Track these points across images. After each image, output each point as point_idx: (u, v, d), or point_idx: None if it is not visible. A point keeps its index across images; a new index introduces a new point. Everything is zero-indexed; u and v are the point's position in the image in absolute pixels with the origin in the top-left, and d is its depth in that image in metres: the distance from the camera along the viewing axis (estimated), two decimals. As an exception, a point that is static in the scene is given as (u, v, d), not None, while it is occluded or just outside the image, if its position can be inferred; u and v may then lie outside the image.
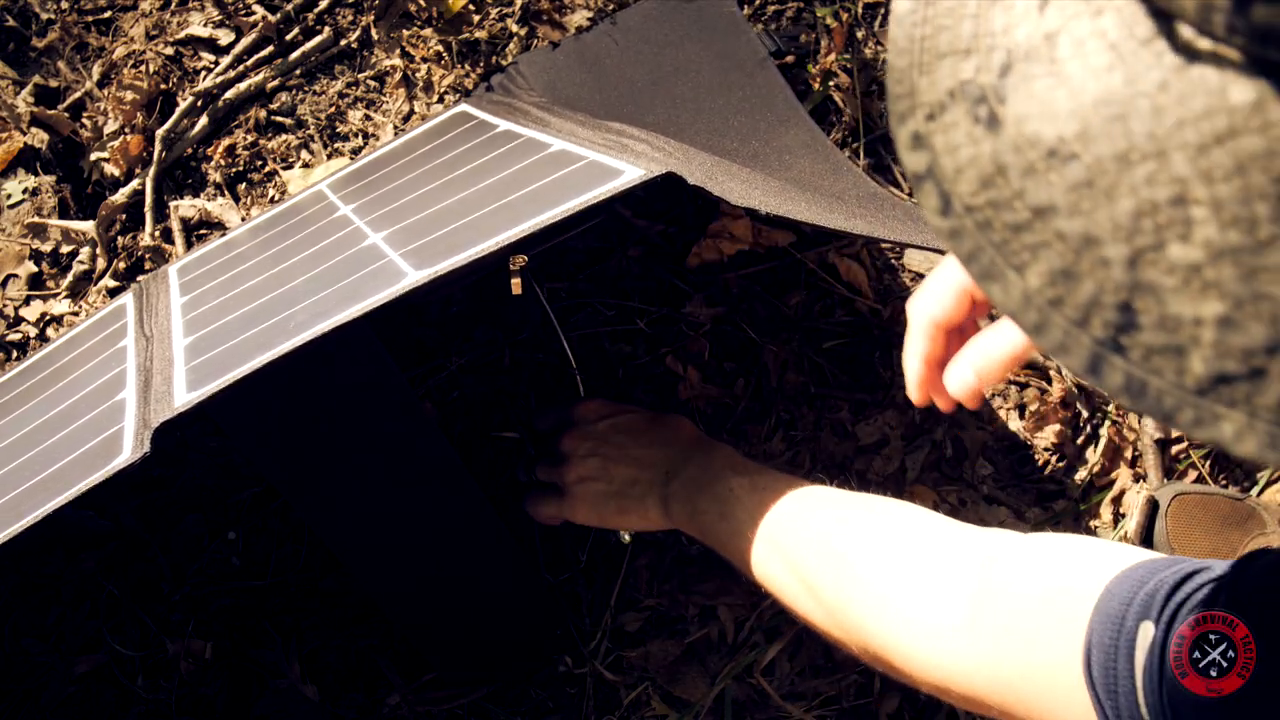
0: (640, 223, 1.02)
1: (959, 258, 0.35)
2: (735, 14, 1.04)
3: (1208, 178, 0.30)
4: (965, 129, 0.34)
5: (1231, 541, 0.93)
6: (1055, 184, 0.33)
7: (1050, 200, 0.33)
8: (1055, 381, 1.02)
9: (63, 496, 0.62)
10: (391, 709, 0.94)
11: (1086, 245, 0.32)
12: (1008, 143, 0.33)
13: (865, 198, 0.94)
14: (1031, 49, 0.33)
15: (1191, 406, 0.31)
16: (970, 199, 0.34)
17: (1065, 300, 0.33)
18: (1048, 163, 0.33)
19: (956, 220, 0.35)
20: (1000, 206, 0.34)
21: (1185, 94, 0.30)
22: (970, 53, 0.35)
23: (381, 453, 0.84)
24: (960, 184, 0.35)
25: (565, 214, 0.66)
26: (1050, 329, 0.34)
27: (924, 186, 0.36)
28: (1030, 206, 0.33)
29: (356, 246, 0.78)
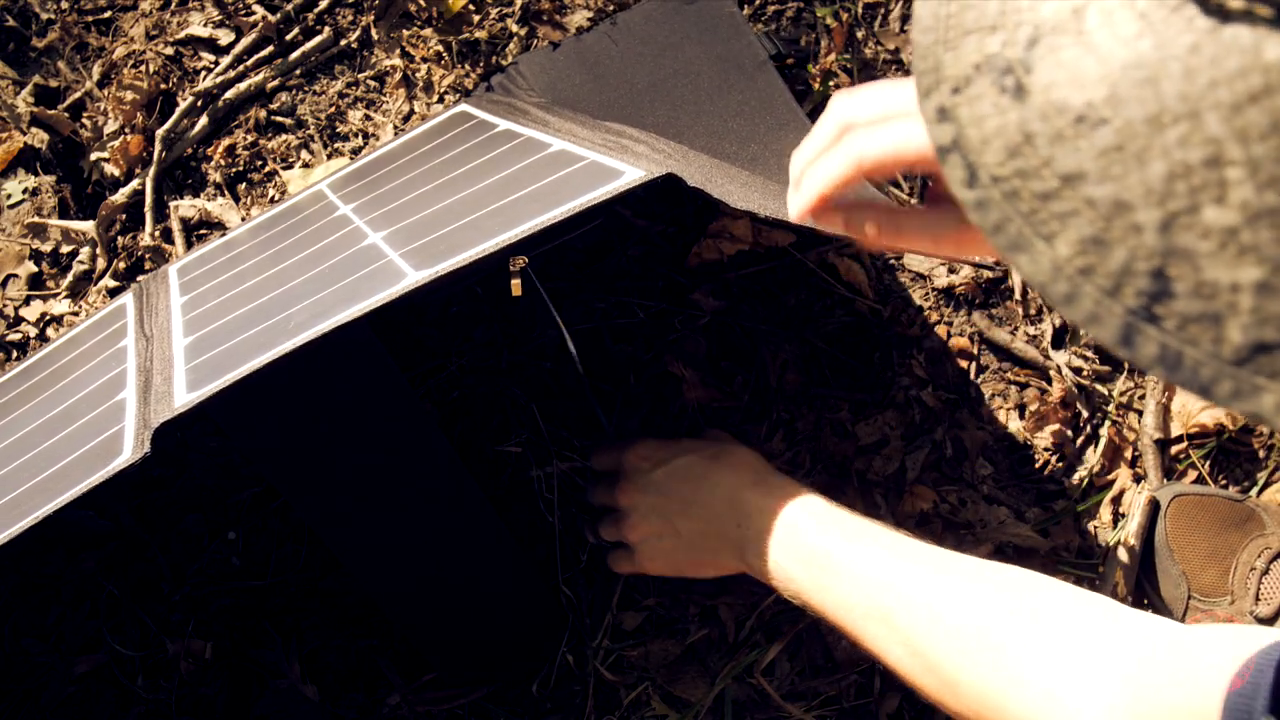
0: (640, 223, 1.02)
1: (985, 229, 0.35)
2: (736, 15, 1.04)
3: (1243, 137, 0.29)
4: (991, 100, 0.34)
5: (1231, 543, 0.93)
6: (1084, 150, 0.32)
7: (1079, 167, 0.32)
8: (1055, 381, 1.02)
9: (63, 497, 0.62)
10: (391, 709, 0.94)
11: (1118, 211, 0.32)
12: (1035, 111, 0.33)
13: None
14: (1059, 23, 0.33)
15: (1230, 378, 0.31)
16: (997, 169, 0.34)
17: (1096, 269, 0.32)
18: (1076, 129, 0.32)
19: (983, 191, 0.35)
20: (1028, 175, 0.33)
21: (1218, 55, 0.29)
22: (996, 29, 0.34)
23: (381, 453, 0.84)
24: (986, 154, 0.34)
25: (565, 215, 0.66)
26: (1081, 299, 0.33)
27: (950, 159, 0.35)
28: (1059, 174, 0.33)
29: (356, 246, 0.78)
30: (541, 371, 0.99)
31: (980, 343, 1.03)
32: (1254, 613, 0.91)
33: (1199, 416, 1.02)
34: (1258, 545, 0.93)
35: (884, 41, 1.08)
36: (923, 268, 1.04)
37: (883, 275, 1.04)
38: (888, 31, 1.09)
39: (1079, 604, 0.67)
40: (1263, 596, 0.91)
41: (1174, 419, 1.03)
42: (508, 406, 0.98)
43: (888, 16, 1.09)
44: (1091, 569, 0.98)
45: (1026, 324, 1.04)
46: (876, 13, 1.09)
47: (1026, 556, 0.97)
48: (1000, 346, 1.03)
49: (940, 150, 0.36)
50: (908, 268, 1.04)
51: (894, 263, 1.04)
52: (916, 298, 1.03)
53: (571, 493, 0.97)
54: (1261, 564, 0.92)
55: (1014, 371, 1.03)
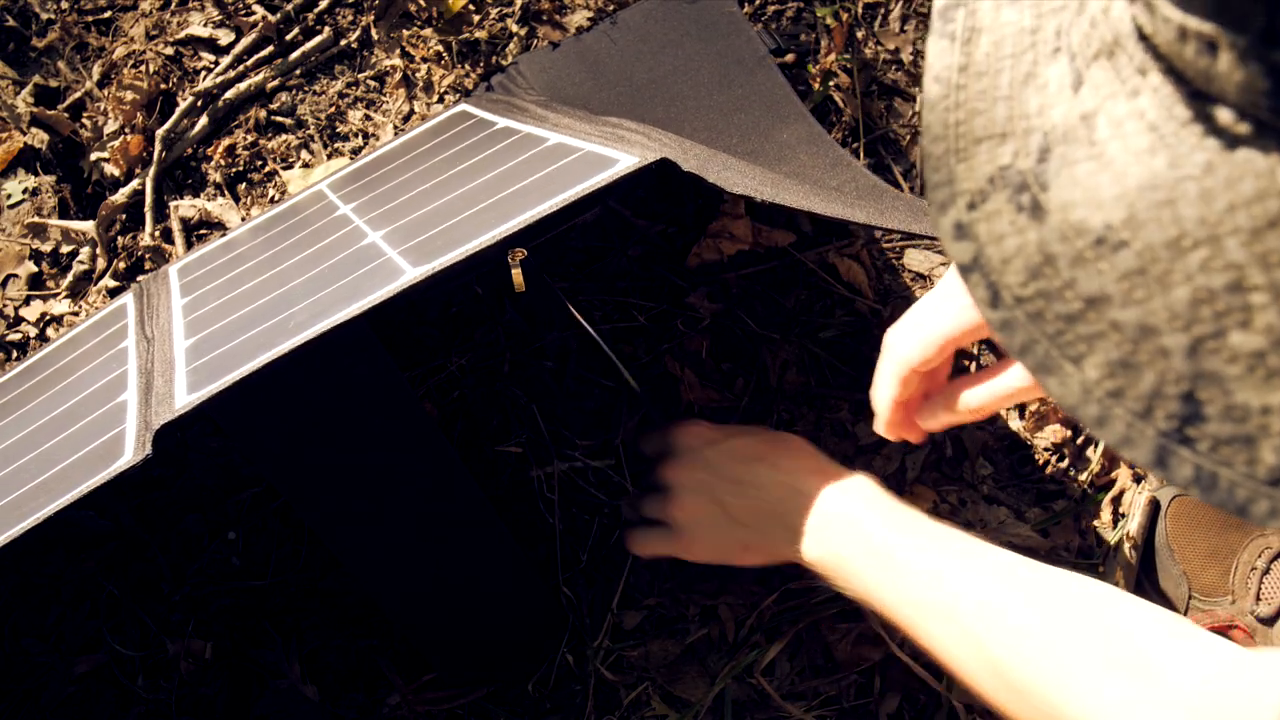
0: (640, 223, 1.02)
1: (1012, 351, 0.34)
2: (735, 13, 1.04)
3: (1264, 263, 0.29)
4: (1009, 217, 0.33)
5: (1231, 543, 0.93)
6: (1106, 273, 0.31)
7: (1102, 289, 0.32)
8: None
9: (65, 499, 0.62)
10: (391, 709, 0.94)
11: (1144, 335, 0.31)
12: (1054, 231, 0.32)
13: (865, 190, 0.94)
14: (1069, 130, 0.32)
15: (1266, 498, 0.30)
16: (1020, 290, 0.33)
17: (1126, 392, 0.32)
18: (1096, 251, 0.31)
19: (1007, 312, 0.34)
20: (1051, 297, 0.33)
21: (1233, 177, 0.29)
22: (1007, 136, 0.33)
23: (381, 453, 0.84)
24: (1008, 274, 0.33)
25: (560, 205, 0.66)
26: (1113, 422, 0.32)
27: (971, 278, 0.34)
28: (1082, 296, 0.32)
29: (355, 245, 0.78)
30: (542, 371, 0.99)
31: (980, 343, 1.03)
32: (1254, 612, 0.91)
33: (1199, 416, 1.02)
34: (1258, 545, 0.93)
35: (884, 41, 1.08)
36: (922, 268, 1.04)
37: (883, 275, 1.04)
38: (888, 31, 1.09)
39: (1148, 621, 0.66)
40: (1263, 596, 0.91)
41: (1174, 419, 1.02)
42: (508, 406, 0.98)
43: (888, 16, 1.09)
44: (1092, 569, 0.98)
45: (1026, 324, 1.04)
46: (876, 13, 1.09)
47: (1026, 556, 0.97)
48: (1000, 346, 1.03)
49: (961, 269, 0.35)
50: (908, 268, 1.04)
51: (895, 263, 1.04)
52: (917, 298, 1.03)
53: (572, 493, 0.97)
54: (1262, 563, 0.92)
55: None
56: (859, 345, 1.01)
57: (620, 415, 0.98)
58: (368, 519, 0.84)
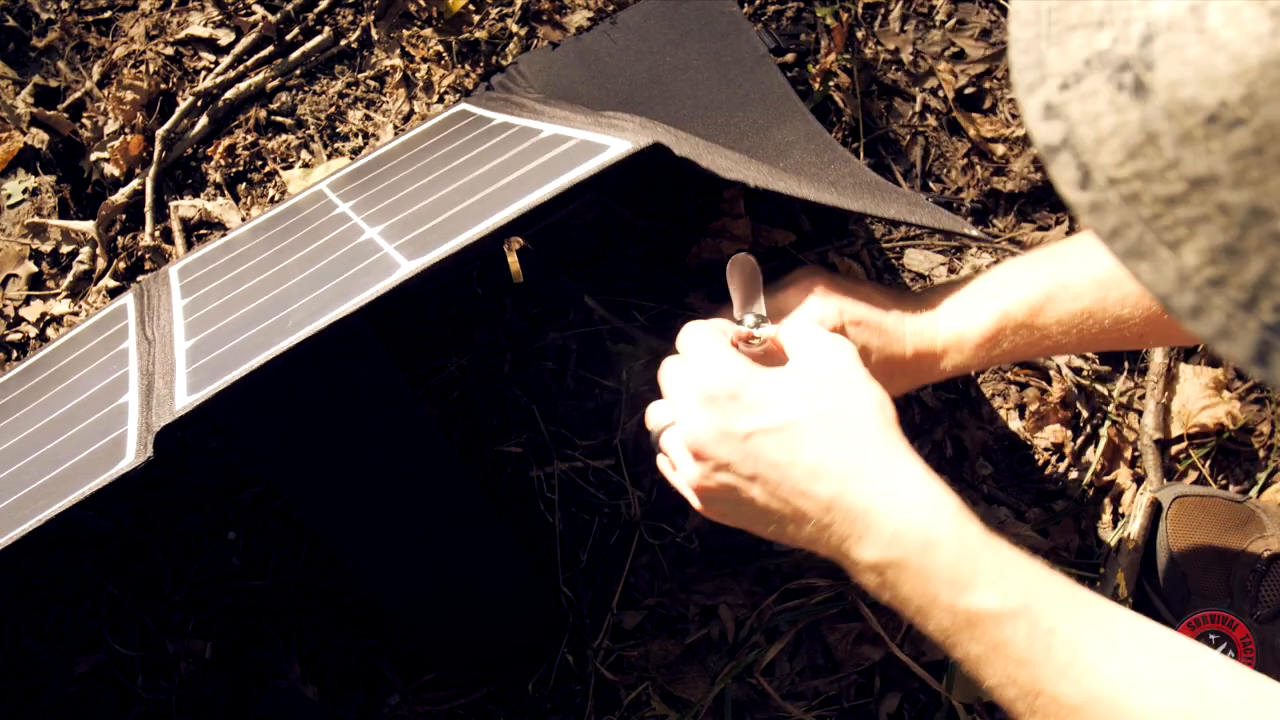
0: (640, 222, 1.02)
1: (1100, 234, 0.33)
2: (735, 13, 1.04)
3: None
4: (1107, 97, 0.32)
5: (1231, 545, 0.93)
6: (1217, 152, 0.30)
7: (1211, 170, 0.30)
8: (1055, 381, 1.02)
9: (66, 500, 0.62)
10: (391, 709, 0.94)
11: (1255, 219, 0.30)
12: (1158, 109, 0.31)
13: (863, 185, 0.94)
14: (1175, 20, 0.31)
15: None
16: (1115, 170, 0.32)
17: (1229, 280, 0.30)
18: (1207, 129, 0.30)
19: (1099, 194, 0.32)
20: (1150, 178, 0.31)
21: None
22: (1104, 24, 0.32)
23: (381, 452, 0.84)
24: (1102, 154, 0.32)
25: (552, 193, 0.66)
26: (1210, 312, 0.31)
27: (1059, 158, 0.33)
28: (1187, 177, 0.31)
29: (352, 242, 0.78)
30: (542, 372, 0.99)
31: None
32: (1254, 614, 0.91)
33: (1199, 417, 1.02)
34: (1258, 547, 0.93)
35: (884, 41, 1.08)
36: (922, 267, 1.04)
37: (883, 275, 1.04)
38: (888, 31, 1.09)
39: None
40: (1262, 598, 0.91)
41: (1174, 419, 1.03)
42: (508, 406, 0.98)
43: (888, 16, 1.09)
44: (1092, 569, 0.98)
45: (1026, 324, 1.04)
46: (876, 13, 1.09)
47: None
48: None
49: (1047, 150, 0.34)
50: (908, 268, 1.04)
51: (894, 263, 1.04)
52: (916, 298, 1.03)
53: (572, 493, 0.98)
54: (1262, 566, 0.92)
55: (1014, 371, 1.03)
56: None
57: (620, 415, 0.98)
58: (368, 519, 0.84)
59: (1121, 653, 0.58)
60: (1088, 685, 0.57)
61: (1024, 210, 1.07)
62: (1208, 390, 1.03)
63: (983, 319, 0.78)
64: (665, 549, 0.97)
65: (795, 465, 0.64)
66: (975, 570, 0.60)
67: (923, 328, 0.79)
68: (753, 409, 0.64)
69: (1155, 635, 0.59)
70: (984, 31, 1.10)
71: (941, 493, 0.63)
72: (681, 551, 0.97)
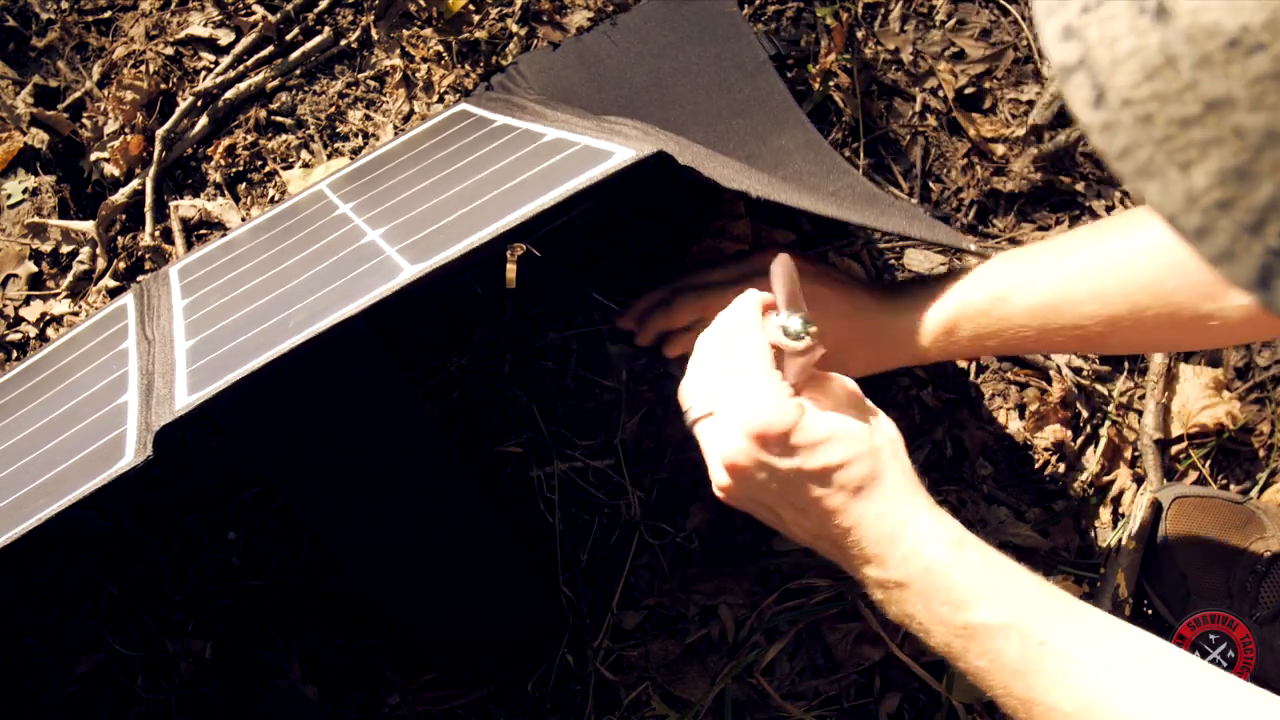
0: (640, 223, 1.02)
1: (1109, 154, 0.33)
2: (736, 16, 1.04)
3: None
4: (1128, 20, 0.32)
5: (1230, 546, 0.93)
6: (1235, 76, 0.30)
7: (1228, 93, 0.30)
8: (1055, 381, 1.02)
9: (65, 500, 0.62)
10: (391, 709, 0.94)
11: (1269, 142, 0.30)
12: (1179, 33, 0.31)
13: (862, 196, 0.94)
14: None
15: None
16: (1130, 91, 0.32)
17: (1237, 203, 0.30)
18: (1228, 53, 0.30)
19: (1111, 114, 0.33)
20: (1166, 100, 0.32)
21: None
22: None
23: (381, 452, 0.84)
24: (1118, 76, 0.32)
25: (557, 199, 0.66)
26: (1214, 234, 0.31)
27: (1073, 79, 0.33)
28: (1203, 100, 0.31)
29: (355, 244, 0.78)
30: (542, 372, 0.99)
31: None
32: (1254, 615, 0.91)
33: (1199, 417, 1.02)
34: (1258, 548, 0.93)
35: (884, 41, 1.08)
36: (922, 267, 1.04)
37: (883, 275, 1.04)
38: (888, 31, 1.09)
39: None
40: (1262, 599, 0.91)
41: (1174, 419, 1.03)
42: (508, 406, 0.98)
43: (888, 16, 1.09)
44: (1092, 569, 0.98)
45: (1026, 324, 1.04)
46: (876, 13, 1.09)
47: (1027, 556, 0.97)
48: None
49: (1063, 70, 0.34)
50: (907, 268, 1.04)
51: (894, 263, 1.04)
52: (916, 298, 1.03)
53: (572, 493, 0.98)
54: (1261, 567, 0.92)
55: (1014, 371, 1.03)
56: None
57: (620, 415, 0.98)
58: (368, 519, 0.84)
59: (1110, 662, 0.61)
60: (1078, 694, 0.61)
61: (1024, 210, 1.07)
62: (1208, 390, 1.03)
63: (942, 303, 0.82)
64: (665, 549, 0.97)
65: (824, 503, 0.68)
66: (970, 589, 0.65)
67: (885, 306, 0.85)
68: (796, 453, 0.67)
69: (1145, 645, 0.63)
70: (984, 31, 1.10)
71: (944, 524, 0.68)
72: (681, 551, 0.97)
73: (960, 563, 0.66)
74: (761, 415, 0.66)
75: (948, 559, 0.66)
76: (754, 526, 0.98)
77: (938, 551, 0.66)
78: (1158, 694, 0.60)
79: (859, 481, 0.67)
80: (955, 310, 0.82)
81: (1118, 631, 0.64)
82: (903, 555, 0.67)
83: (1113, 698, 0.60)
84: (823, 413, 0.69)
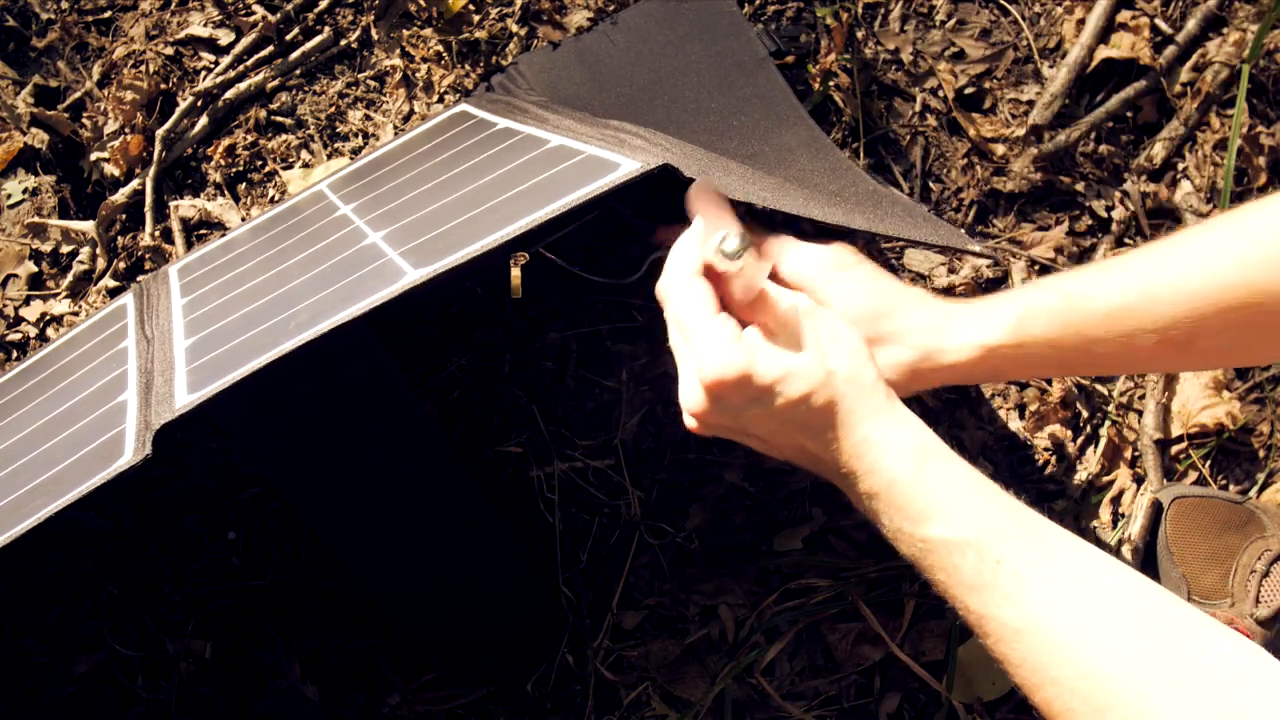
0: (640, 222, 1.02)
1: None
2: (736, 14, 1.04)
3: None
4: None
5: (1231, 546, 0.93)
6: None
7: None
8: (1055, 381, 1.02)
9: (64, 499, 0.62)
10: (391, 709, 0.94)
11: None
12: None
13: (865, 195, 0.94)
14: None
15: None
16: None
17: None
18: None
19: None
20: None
21: None
22: None
23: (381, 453, 0.84)
24: None
25: (562, 209, 0.66)
26: None
27: None
28: None
29: (356, 246, 0.78)
30: (542, 372, 0.99)
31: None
32: (1254, 615, 0.91)
33: (1199, 416, 1.02)
34: (1257, 548, 0.93)
35: (884, 41, 1.08)
36: (922, 268, 1.04)
37: (883, 275, 1.04)
38: (888, 31, 1.09)
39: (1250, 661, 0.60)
40: (1262, 599, 0.91)
41: (1174, 419, 1.03)
42: (508, 406, 0.98)
43: (888, 16, 1.09)
44: (1091, 569, 0.98)
45: (1026, 324, 1.04)
46: (876, 13, 1.09)
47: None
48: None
49: None
50: (908, 268, 1.04)
51: (894, 262, 1.04)
52: (916, 298, 1.03)
53: (572, 493, 0.97)
54: (1261, 566, 0.92)
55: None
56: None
57: (620, 415, 0.99)
58: (368, 519, 0.85)
59: (1065, 581, 0.63)
60: (1029, 611, 0.62)
61: (1024, 210, 1.07)
62: (1208, 390, 1.03)
63: (1006, 306, 0.77)
64: (665, 549, 0.97)
65: (790, 436, 0.71)
66: (931, 503, 0.67)
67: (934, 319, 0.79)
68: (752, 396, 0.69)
69: (1102, 566, 0.64)
70: (984, 31, 1.10)
71: (910, 437, 0.69)
72: (681, 551, 0.97)
73: (921, 476, 0.67)
74: (710, 367, 0.69)
75: (910, 472, 0.68)
76: (754, 526, 0.98)
77: (901, 464, 0.68)
78: (1107, 614, 0.61)
79: (820, 412, 0.69)
80: (1021, 311, 0.76)
81: (1077, 552, 0.65)
82: (868, 469, 0.69)
83: (1061, 616, 0.62)
84: (774, 350, 0.69)
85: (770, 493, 0.98)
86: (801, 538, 0.97)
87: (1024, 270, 1.04)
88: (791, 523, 0.98)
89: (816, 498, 0.98)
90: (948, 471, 0.68)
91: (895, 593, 0.96)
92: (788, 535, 0.98)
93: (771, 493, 0.98)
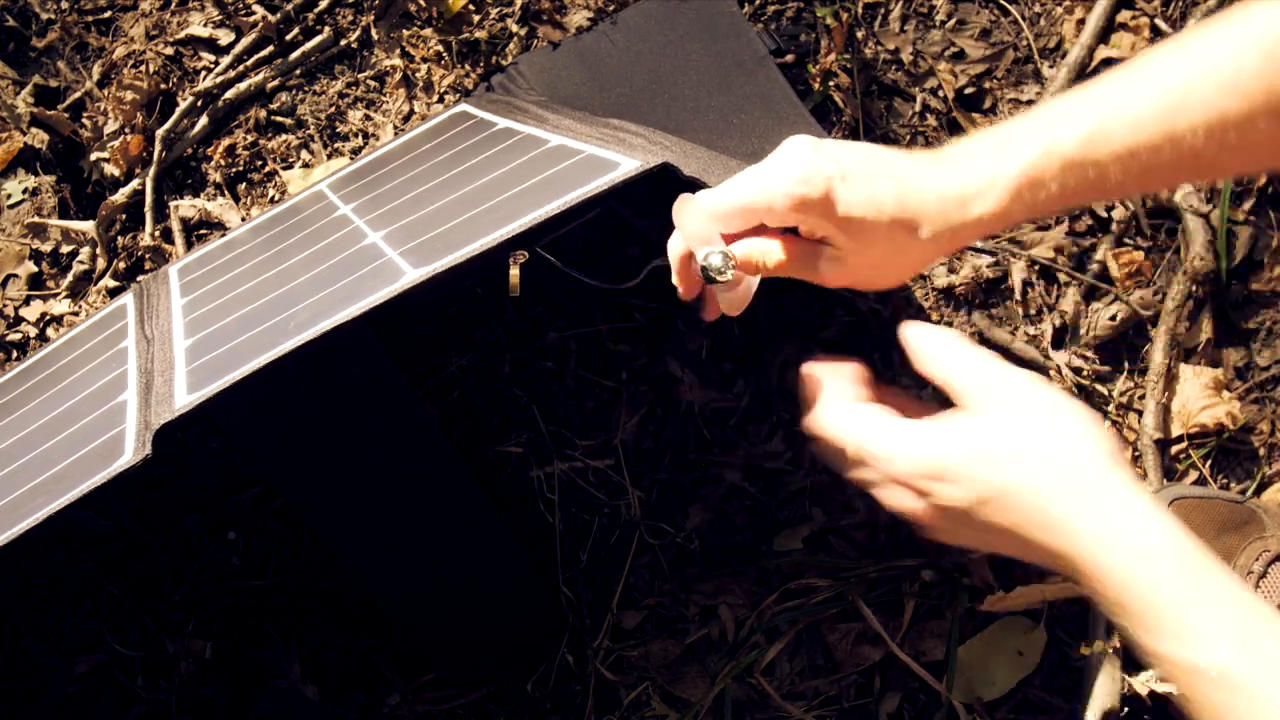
0: (640, 222, 1.02)
1: None
2: (736, 13, 1.04)
3: None
4: None
5: (1229, 546, 0.93)
6: None
7: None
8: (1055, 381, 1.02)
9: (64, 498, 0.62)
10: (391, 709, 0.94)
11: None
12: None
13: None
14: None
15: None
16: None
17: None
18: None
19: None
20: None
21: None
22: None
23: (381, 453, 0.84)
24: None
25: (561, 208, 0.66)
26: None
27: None
28: None
29: (356, 246, 0.78)
30: (542, 372, 0.99)
31: (980, 342, 1.03)
32: (1254, 613, 0.91)
33: (1199, 416, 1.02)
34: (1256, 548, 0.93)
35: (884, 41, 1.08)
36: (923, 268, 1.04)
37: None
38: (888, 31, 1.09)
39: None
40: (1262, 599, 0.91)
41: (1174, 419, 1.03)
42: (508, 406, 0.98)
43: (888, 16, 1.09)
44: (1091, 569, 0.98)
45: (1026, 324, 1.04)
46: (876, 13, 1.09)
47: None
48: (1000, 346, 1.03)
49: None
50: (908, 268, 1.04)
51: (894, 263, 1.04)
52: (917, 298, 1.03)
53: (572, 493, 0.98)
54: (1259, 567, 0.92)
55: (1014, 371, 1.03)
56: (859, 345, 1.01)
57: (620, 415, 0.99)
58: (368, 519, 0.85)
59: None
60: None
61: (1024, 210, 1.07)
62: (1208, 390, 1.03)
63: (1024, 154, 0.67)
64: (665, 549, 0.97)
65: (1015, 529, 0.62)
66: (1180, 618, 0.57)
67: (947, 171, 0.69)
68: (959, 483, 0.63)
69: None
70: (984, 31, 1.10)
71: (1157, 533, 0.59)
72: (681, 551, 0.97)
73: (1161, 583, 0.58)
74: (904, 461, 0.64)
75: (1149, 578, 0.58)
76: (754, 526, 0.98)
77: (1139, 568, 0.58)
78: None
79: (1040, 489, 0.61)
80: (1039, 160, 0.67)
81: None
82: (1107, 567, 0.59)
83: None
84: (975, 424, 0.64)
85: (770, 493, 0.98)
86: (801, 538, 0.97)
87: (1024, 270, 1.04)
88: (791, 523, 0.98)
89: (816, 498, 0.98)
90: (1200, 573, 0.59)
91: (895, 593, 0.96)
92: (788, 535, 0.98)
93: (771, 493, 0.98)
